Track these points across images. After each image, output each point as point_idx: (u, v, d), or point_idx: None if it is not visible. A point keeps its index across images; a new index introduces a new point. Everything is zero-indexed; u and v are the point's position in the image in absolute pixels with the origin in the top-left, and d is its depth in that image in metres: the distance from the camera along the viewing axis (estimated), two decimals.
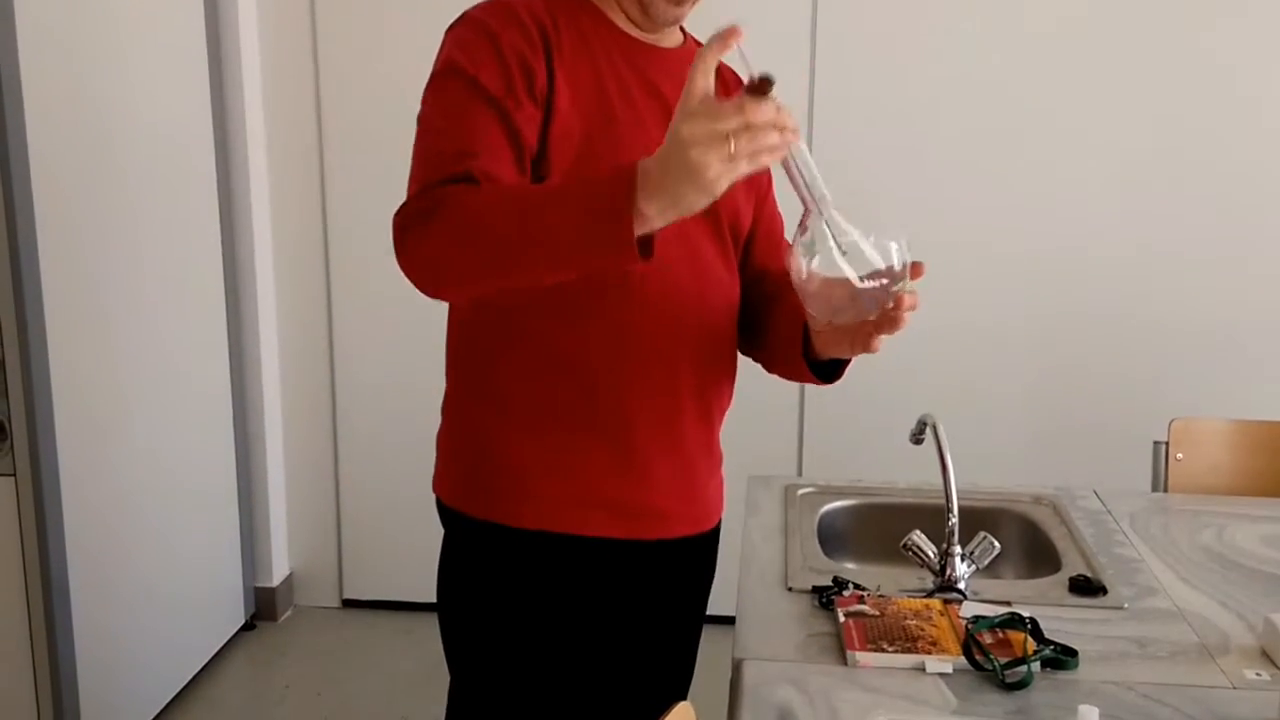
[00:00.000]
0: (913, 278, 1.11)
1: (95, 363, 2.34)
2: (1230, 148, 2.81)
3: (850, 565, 1.72)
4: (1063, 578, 1.57)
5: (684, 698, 1.45)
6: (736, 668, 1.35)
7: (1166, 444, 2.07)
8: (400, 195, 1.17)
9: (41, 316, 2.12)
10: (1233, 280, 2.85)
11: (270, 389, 3.06)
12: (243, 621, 3.02)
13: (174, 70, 2.64)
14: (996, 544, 1.51)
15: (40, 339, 2.12)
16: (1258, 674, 1.33)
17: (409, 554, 2.94)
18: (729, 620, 1.42)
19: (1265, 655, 1.36)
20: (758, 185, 1.43)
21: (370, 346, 3.06)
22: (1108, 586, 1.54)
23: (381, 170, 2.94)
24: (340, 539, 3.18)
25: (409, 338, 2.92)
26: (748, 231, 1.42)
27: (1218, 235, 2.84)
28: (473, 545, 1.35)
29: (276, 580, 3.13)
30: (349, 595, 3.21)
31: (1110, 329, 2.90)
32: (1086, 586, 1.53)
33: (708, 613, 1.53)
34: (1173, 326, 2.88)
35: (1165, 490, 2.05)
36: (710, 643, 1.71)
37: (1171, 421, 2.07)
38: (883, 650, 1.32)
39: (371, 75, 2.91)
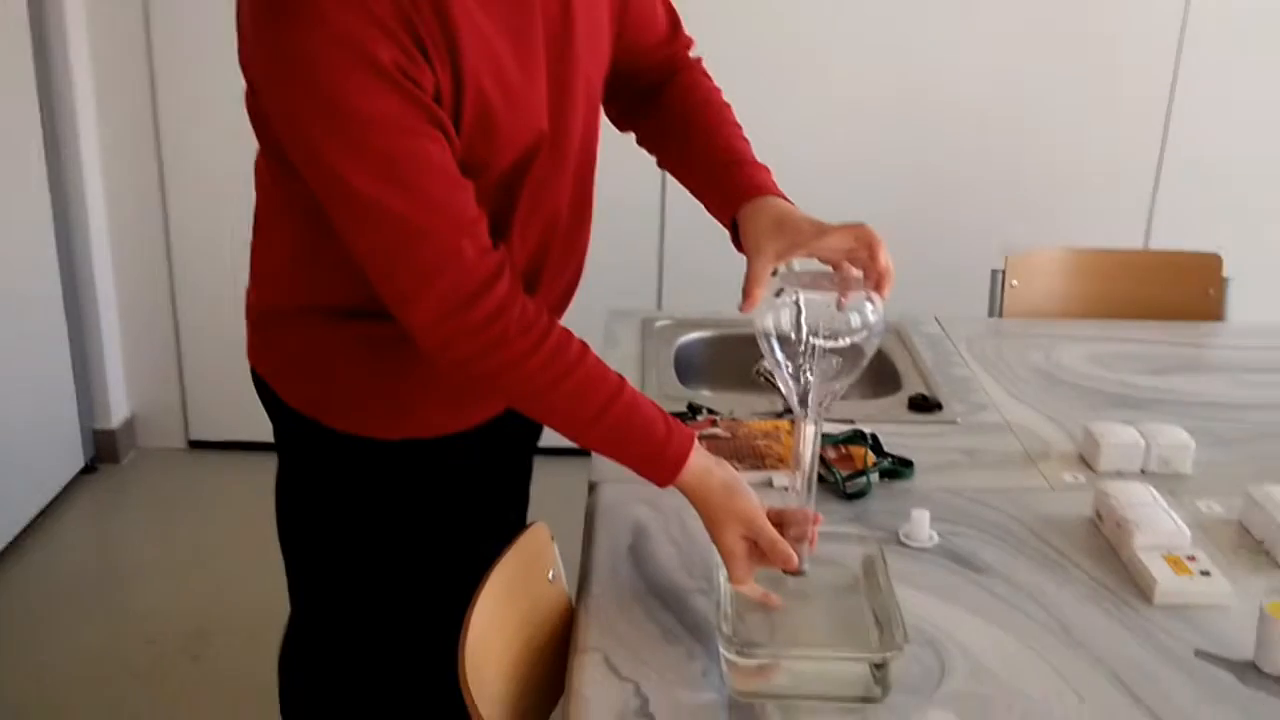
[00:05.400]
0: None
1: None
2: None
3: (706, 393, 1.76)
4: (903, 397, 1.65)
5: (523, 523, 1.46)
6: (592, 489, 1.37)
7: (1003, 272, 2.16)
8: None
9: None
10: (1071, 118, 2.93)
11: (96, 220, 2.86)
12: (82, 464, 2.91)
13: None
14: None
15: None
16: (1074, 477, 1.43)
17: (256, 394, 2.86)
18: (586, 452, 1.43)
19: (1082, 460, 1.47)
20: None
21: (203, 169, 2.88)
22: (943, 403, 1.62)
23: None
24: (183, 379, 3.07)
25: (242, 163, 2.77)
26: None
27: (1057, 78, 2.90)
28: (331, 455, 1.30)
29: (116, 422, 3.01)
30: (195, 436, 3.12)
31: (956, 169, 2.96)
32: (923, 404, 1.61)
33: (568, 444, 1.52)
34: (1015, 164, 2.95)
35: (1000, 316, 2.15)
36: (566, 474, 1.73)
37: (1007, 256, 2.15)
38: (734, 468, 1.36)
39: None
